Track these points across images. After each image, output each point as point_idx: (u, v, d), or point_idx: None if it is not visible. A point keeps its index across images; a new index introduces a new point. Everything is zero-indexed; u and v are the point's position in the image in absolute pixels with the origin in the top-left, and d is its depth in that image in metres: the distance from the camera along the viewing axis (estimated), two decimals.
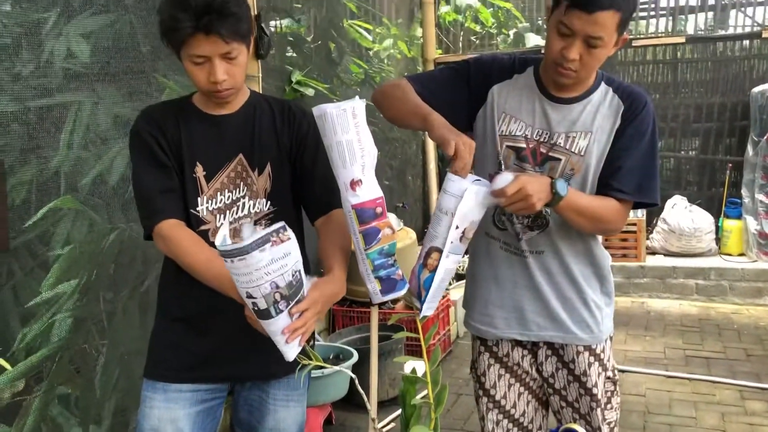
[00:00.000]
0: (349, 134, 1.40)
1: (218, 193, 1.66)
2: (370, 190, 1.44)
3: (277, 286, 1.28)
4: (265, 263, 1.23)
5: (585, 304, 1.81)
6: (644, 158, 1.71)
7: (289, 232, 1.27)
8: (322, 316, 1.52)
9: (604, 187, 1.72)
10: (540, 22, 7.45)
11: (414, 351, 3.94)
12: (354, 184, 1.42)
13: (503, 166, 1.75)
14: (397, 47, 6.10)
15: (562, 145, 1.72)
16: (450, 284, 5.18)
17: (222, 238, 1.27)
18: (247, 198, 1.67)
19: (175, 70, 2.89)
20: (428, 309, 1.54)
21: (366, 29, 5.38)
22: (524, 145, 1.74)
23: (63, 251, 2.42)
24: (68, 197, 2.42)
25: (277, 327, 1.35)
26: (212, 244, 1.60)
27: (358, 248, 1.46)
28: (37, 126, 2.35)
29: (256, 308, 1.31)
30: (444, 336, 4.46)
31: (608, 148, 1.71)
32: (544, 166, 1.72)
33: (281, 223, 1.27)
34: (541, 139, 1.73)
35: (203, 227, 1.66)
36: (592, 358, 1.82)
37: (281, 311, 1.32)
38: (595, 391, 1.80)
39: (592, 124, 1.72)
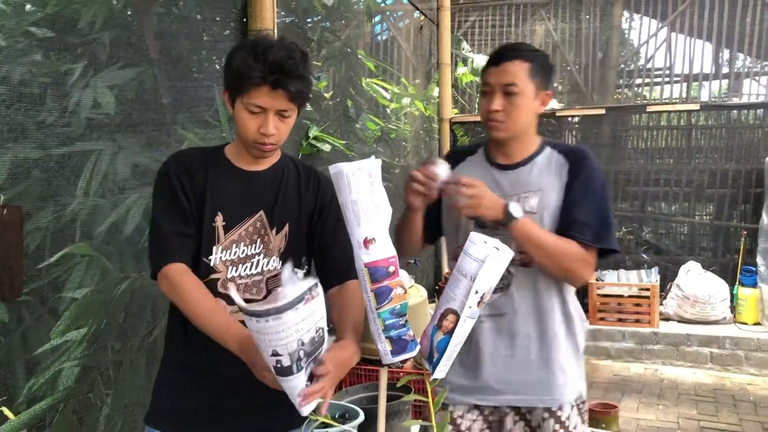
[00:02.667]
0: (364, 193, 1.41)
1: (234, 245, 1.66)
2: (383, 249, 1.43)
3: (303, 343, 1.28)
4: (296, 321, 1.23)
5: (547, 365, 1.82)
6: (598, 209, 1.80)
7: (319, 289, 1.27)
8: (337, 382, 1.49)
9: (563, 235, 1.80)
10: (557, 86, 7.56)
11: (421, 411, 3.86)
12: (367, 242, 1.42)
13: (461, 236, 1.85)
14: (414, 105, 6.20)
15: None
16: None
17: (235, 298, 1.27)
18: (262, 255, 1.68)
19: (195, 122, 2.94)
20: (440, 372, 1.51)
21: (384, 88, 5.48)
22: None
23: (75, 298, 2.42)
24: (83, 245, 2.44)
25: (295, 383, 1.33)
26: (219, 294, 1.63)
27: (369, 307, 1.45)
28: (56, 173, 2.38)
29: (279, 365, 1.29)
30: None
31: (560, 204, 1.81)
32: (499, 228, 1.78)
33: (314, 281, 1.27)
34: None
35: (213, 276, 1.65)
36: (552, 421, 1.80)
37: (302, 368, 1.31)
38: None
39: (540, 183, 1.84)
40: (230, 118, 1.74)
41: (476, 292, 1.42)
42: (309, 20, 4.24)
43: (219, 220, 1.65)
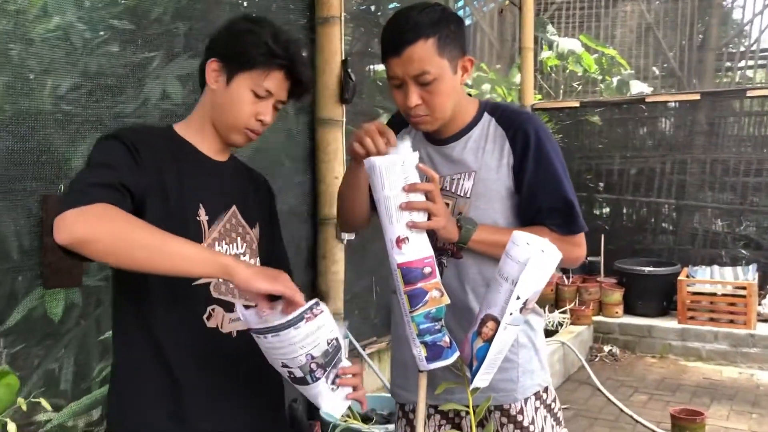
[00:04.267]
0: (398, 189, 1.32)
1: (216, 243, 1.42)
2: (417, 249, 1.34)
3: (313, 357, 1.25)
4: (300, 338, 1.22)
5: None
6: (558, 191, 1.57)
7: (322, 306, 1.25)
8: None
9: (533, 225, 1.57)
10: (652, 69, 7.16)
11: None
12: (400, 241, 1.33)
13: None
14: (495, 92, 6.01)
15: (448, 188, 1.61)
16: None
17: (242, 315, 1.26)
18: (247, 256, 1.49)
19: None
20: (480, 380, 1.40)
21: None
22: None
23: None
24: None
25: (315, 391, 1.31)
26: (215, 300, 1.41)
27: (403, 310, 1.37)
28: None
29: (292, 376, 1.28)
30: None
31: (501, 188, 1.58)
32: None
33: (314, 300, 1.24)
34: None
35: (204, 280, 1.39)
36: (504, 419, 1.64)
37: (318, 378, 1.29)
38: None
39: (474, 161, 1.59)
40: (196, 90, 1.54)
41: (518, 298, 1.30)
42: (379, 7, 4.15)
43: (202, 214, 1.41)
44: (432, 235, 1.44)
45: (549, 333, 5.25)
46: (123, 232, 1.18)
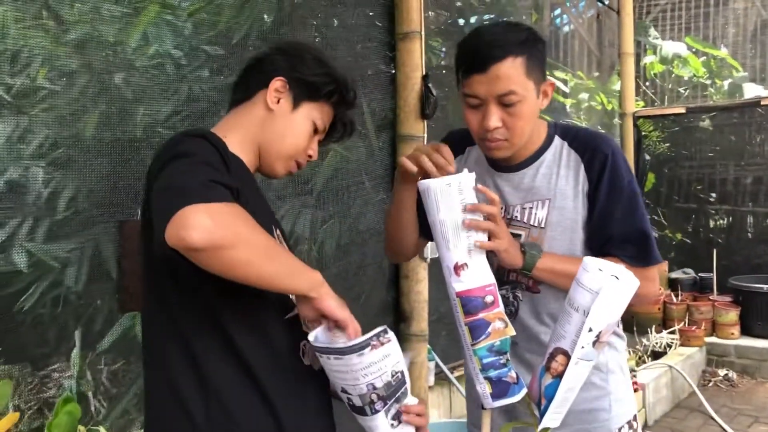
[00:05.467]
0: (454, 212, 1.23)
1: None
2: (478, 276, 1.24)
3: (374, 387, 1.18)
4: (363, 366, 1.15)
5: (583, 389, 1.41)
6: (632, 220, 1.46)
7: (390, 335, 1.17)
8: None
9: (603, 256, 1.39)
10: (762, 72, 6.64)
11: None
12: (458, 268, 1.24)
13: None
14: (595, 99, 5.76)
15: (519, 218, 1.51)
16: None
17: (314, 335, 1.18)
18: None
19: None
20: (550, 420, 1.28)
21: (563, 81, 5.16)
22: None
23: None
24: None
25: (373, 424, 1.23)
26: (301, 334, 1.27)
27: (464, 343, 1.27)
28: None
29: (351, 404, 1.22)
30: None
31: (577, 216, 1.48)
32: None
33: (383, 327, 1.16)
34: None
35: (293, 313, 1.26)
36: None
37: (377, 411, 1.21)
38: None
39: (548, 189, 1.49)
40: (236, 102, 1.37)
41: (590, 330, 1.18)
42: (462, 19, 4.06)
43: (278, 234, 1.33)
44: (499, 266, 1.36)
45: (656, 355, 4.93)
46: (257, 240, 1.05)
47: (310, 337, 1.17)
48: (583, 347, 1.19)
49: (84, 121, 2.09)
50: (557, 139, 1.53)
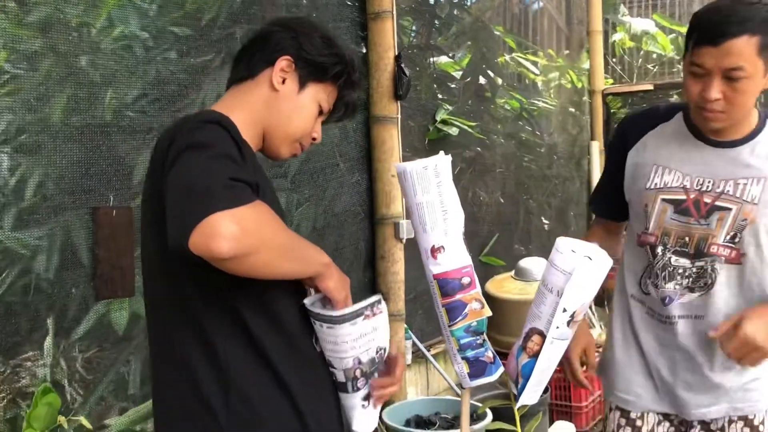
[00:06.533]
0: (431, 195, 1.25)
1: None
2: (454, 258, 1.26)
3: (360, 362, 1.20)
4: (354, 337, 1.16)
5: (747, 371, 1.56)
6: None
7: (383, 305, 1.18)
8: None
9: None
10: None
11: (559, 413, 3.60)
12: (435, 250, 1.25)
13: (652, 222, 1.58)
14: (565, 78, 5.79)
15: (731, 192, 1.54)
16: None
17: (312, 300, 1.19)
18: None
19: None
20: (528, 398, 1.31)
21: (533, 62, 5.19)
22: (684, 197, 1.56)
23: None
24: None
25: (351, 403, 1.25)
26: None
27: (441, 324, 1.29)
28: None
29: (334, 378, 1.23)
30: (598, 399, 4.02)
31: None
32: (710, 218, 1.54)
33: (377, 297, 1.18)
34: (704, 188, 1.56)
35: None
36: (747, 430, 1.57)
37: (358, 389, 1.23)
38: None
39: (763, 167, 1.54)
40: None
41: (564, 310, 1.20)
42: None
43: None
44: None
45: None
46: (279, 240, 1.07)
47: (307, 301, 1.17)
48: (558, 327, 1.22)
49: (50, 106, 2.04)
50: None
